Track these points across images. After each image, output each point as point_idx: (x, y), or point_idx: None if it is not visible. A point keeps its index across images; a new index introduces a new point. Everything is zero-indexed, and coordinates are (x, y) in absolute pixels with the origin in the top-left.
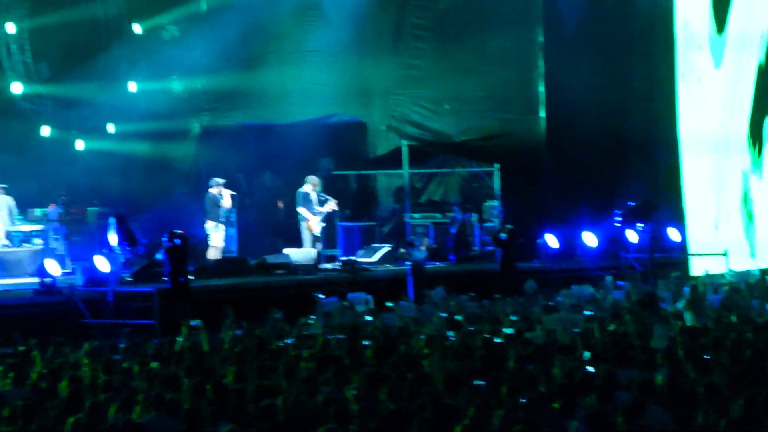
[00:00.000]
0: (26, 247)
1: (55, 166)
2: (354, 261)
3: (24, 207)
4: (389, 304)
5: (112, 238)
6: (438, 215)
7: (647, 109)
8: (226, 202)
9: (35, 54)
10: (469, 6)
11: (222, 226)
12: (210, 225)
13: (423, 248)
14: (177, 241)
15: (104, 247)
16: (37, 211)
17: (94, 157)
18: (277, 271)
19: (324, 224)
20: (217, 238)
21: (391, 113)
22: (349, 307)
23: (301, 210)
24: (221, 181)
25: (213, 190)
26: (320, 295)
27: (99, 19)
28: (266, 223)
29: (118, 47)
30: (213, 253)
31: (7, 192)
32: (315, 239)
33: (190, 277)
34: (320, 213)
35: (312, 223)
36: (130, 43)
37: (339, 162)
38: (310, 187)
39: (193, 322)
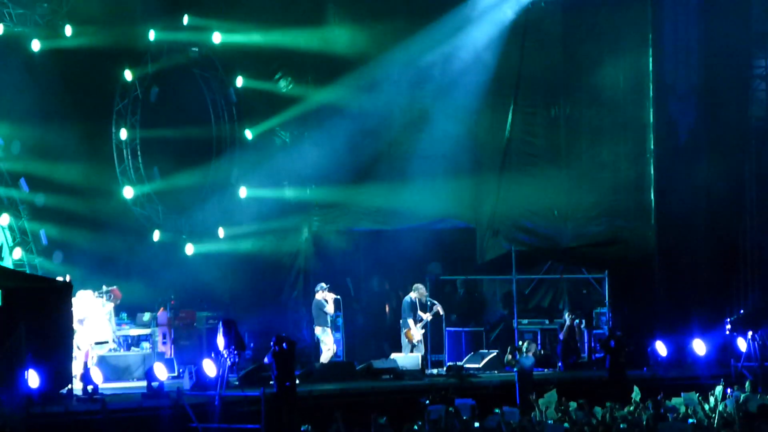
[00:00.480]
0: (134, 351)
1: (164, 270)
2: (461, 367)
3: (133, 311)
4: (497, 410)
5: (220, 342)
6: (546, 321)
7: (760, 215)
8: (330, 307)
9: (146, 159)
10: (581, 113)
11: (329, 330)
12: (318, 330)
13: (530, 354)
14: (284, 345)
15: (212, 351)
16: (146, 315)
17: (203, 261)
18: (384, 376)
19: (423, 331)
20: (329, 341)
21: (500, 218)
22: (456, 413)
23: (410, 321)
24: (326, 286)
25: (318, 296)
26: (426, 401)
27: (210, 125)
28: (373, 327)
29: (230, 152)
30: (326, 357)
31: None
32: (413, 347)
33: (297, 382)
34: (423, 320)
35: (413, 332)
36: (242, 149)
37: (447, 267)
38: (416, 294)
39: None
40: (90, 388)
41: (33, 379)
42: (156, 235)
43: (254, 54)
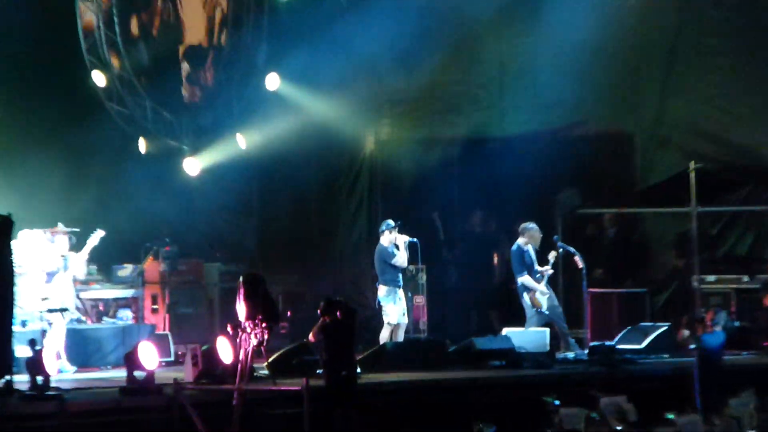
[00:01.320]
0: (108, 324)
1: (155, 198)
2: (610, 348)
3: (107, 262)
4: (670, 416)
5: (241, 310)
6: (744, 278)
7: None
8: (402, 256)
9: (126, 26)
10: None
11: (401, 293)
12: (382, 291)
13: (719, 329)
14: (336, 314)
15: (228, 323)
16: (127, 269)
17: (214, 186)
18: (492, 362)
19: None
20: (393, 311)
21: (671, 120)
22: (601, 420)
23: (524, 279)
24: (395, 224)
25: (384, 239)
26: (556, 402)
27: None
28: (474, 289)
29: (254, 18)
30: (388, 334)
31: (78, 239)
32: (542, 318)
33: (358, 371)
34: (542, 276)
35: (538, 295)
36: (273, 14)
37: (589, 195)
38: (526, 239)
39: None
40: (40, 379)
41: None
42: (142, 145)
43: None
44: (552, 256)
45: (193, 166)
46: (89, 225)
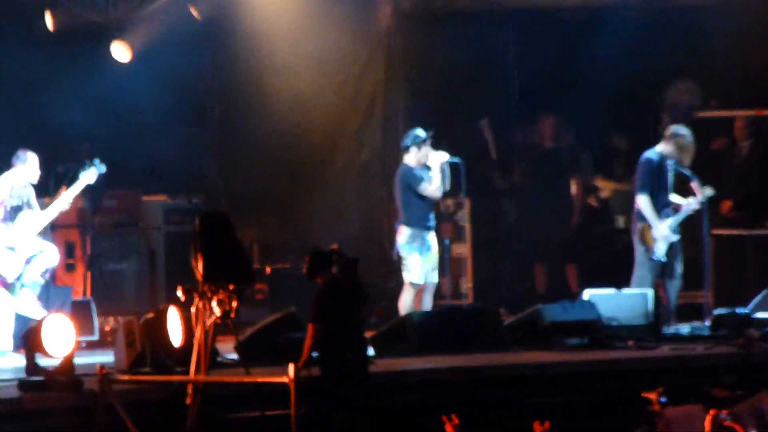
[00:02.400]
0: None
1: (67, 100)
2: (743, 318)
3: None
4: None
5: (198, 267)
6: None
7: None
8: (435, 182)
9: None
10: None
11: (432, 238)
12: (405, 234)
13: None
14: (331, 270)
15: (180, 286)
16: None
17: (155, 81)
18: (568, 341)
19: (667, 232)
20: (418, 265)
21: None
22: (730, 425)
23: (642, 200)
24: (425, 134)
25: (410, 157)
26: (662, 398)
27: None
28: (542, 232)
29: None
30: (411, 299)
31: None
32: (653, 269)
33: (370, 353)
34: (683, 210)
35: (657, 232)
36: None
37: (712, 91)
38: (668, 149)
39: None
40: None
41: None
42: (49, 20)
43: None
44: (701, 191)
45: (122, 51)
46: None
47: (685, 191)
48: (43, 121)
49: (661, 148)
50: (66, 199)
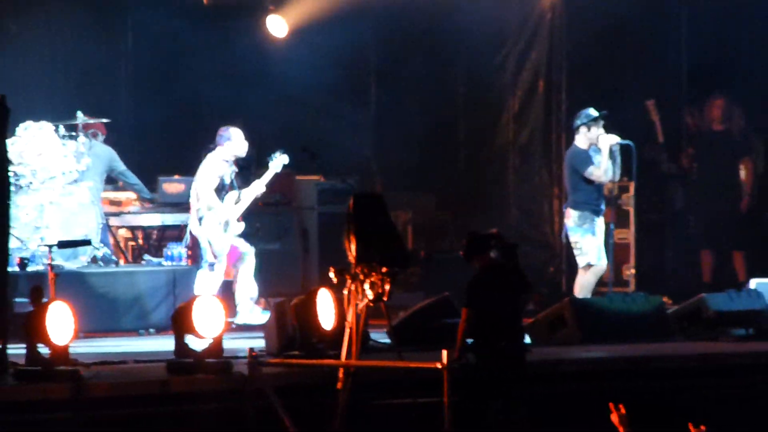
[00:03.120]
0: (151, 266)
1: (219, 75)
2: None
3: (150, 173)
4: None
5: (351, 247)
6: None
7: None
8: (604, 165)
9: None
10: None
11: (600, 223)
12: (573, 217)
13: None
14: (489, 255)
15: (332, 268)
16: (177, 186)
17: (311, 57)
18: (734, 331)
19: None
20: (593, 246)
21: None
22: None
23: None
24: (598, 114)
25: (581, 139)
26: None
27: None
28: (710, 218)
29: None
30: (590, 279)
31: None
32: None
33: (527, 341)
34: None
35: None
36: None
37: None
38: None
39: None
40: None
41: None
42: None
43: None
44: None
45: (278, 25)
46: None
47: None
48: (194, 93)
49: None
50: (259, 186)
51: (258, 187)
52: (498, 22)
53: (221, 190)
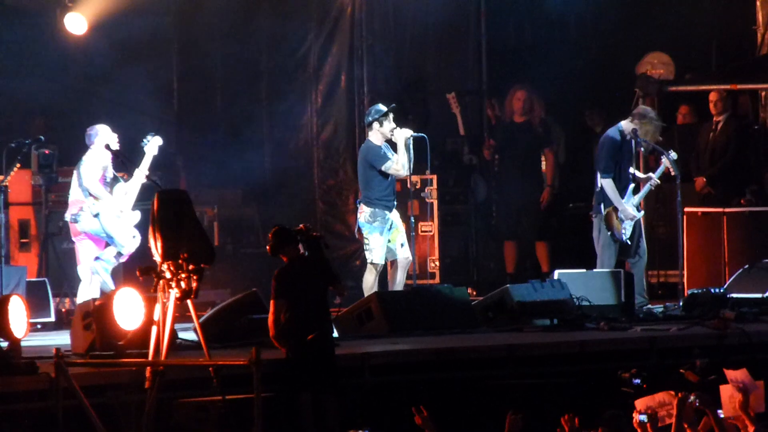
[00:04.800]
0: None
1: (18, 73)
2: (717, 298)
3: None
4: None
5: (156, 245)
6: None
7: None
8: (400, 160)
9: None
10: None
11: (395, 217)
12: (366, 212)
13: None
14: (297, 248)
15: (138, 266)
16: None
17: (110, 51)
18: (538, 321)
19: (639, 213)
20: (379, 245)
21: None
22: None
23: (606, 182)
24: (387, 109)
25: (374, 134)
26: (635, 380)
27: None
28: (512, 210)
29: None
30: (373, 279)
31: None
32: (624, 248)
33: (334, 334)
34: (646, 186)
35: (623, 215)
36: None
37: (685, 64)
38: (631, 127)
39: None
40: None
41: None
42: None
43: None
44: (666, 160)
45: (77, 22)
46: None
47: (645, 166)
48: None
49: (625, 125)
50: (141, 173)
51: (140, 175)
52: (300, 15)
53: (105, 184)
